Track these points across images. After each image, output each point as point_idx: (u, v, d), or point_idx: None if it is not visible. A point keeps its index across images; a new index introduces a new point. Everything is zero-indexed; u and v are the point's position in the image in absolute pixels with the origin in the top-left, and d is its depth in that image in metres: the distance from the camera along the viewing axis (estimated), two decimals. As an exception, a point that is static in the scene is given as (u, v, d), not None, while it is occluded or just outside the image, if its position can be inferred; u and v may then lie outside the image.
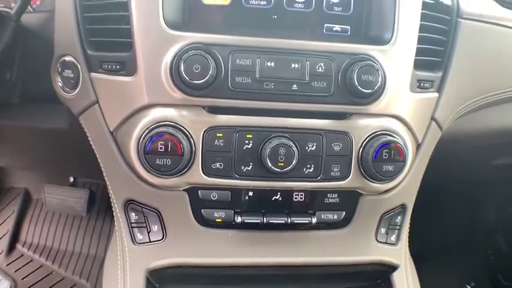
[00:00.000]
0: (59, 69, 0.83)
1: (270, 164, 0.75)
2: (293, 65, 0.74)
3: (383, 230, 0.92)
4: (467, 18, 0.92)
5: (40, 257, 1.68)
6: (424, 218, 1.59)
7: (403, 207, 0.93)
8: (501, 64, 1.00)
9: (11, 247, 1.72)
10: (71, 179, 1.73)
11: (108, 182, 0.86)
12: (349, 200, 0.85)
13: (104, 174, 0.85)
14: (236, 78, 0.73)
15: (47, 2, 0.90)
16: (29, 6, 0.88)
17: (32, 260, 1.68)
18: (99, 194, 1.66)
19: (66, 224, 1.72)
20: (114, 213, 0.88)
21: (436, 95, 0.89)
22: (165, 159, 0.73)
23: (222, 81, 0.73)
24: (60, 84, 0.84)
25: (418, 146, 0.89)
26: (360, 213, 0.87)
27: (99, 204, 1.65)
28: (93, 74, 0.80)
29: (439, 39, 0.88)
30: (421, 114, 0.87)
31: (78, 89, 0.82)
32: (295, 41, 0.75)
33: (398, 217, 0.93)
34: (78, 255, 1.67)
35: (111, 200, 0.88)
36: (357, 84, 0.74)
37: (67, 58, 0.82)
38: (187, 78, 0.71)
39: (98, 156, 0.85)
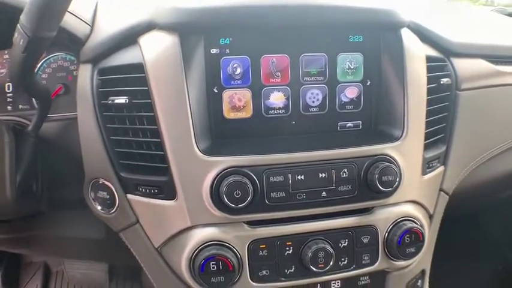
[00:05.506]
0: (92, 194, 0.85)
1: (311, 267, 0.81)
2: (320, 175, 0.80)
3: None
4: (465, 89, 0.98)
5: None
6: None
7: (422, 272, 1.00)
8: (498, 120, 1.06)
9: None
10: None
11: None
12: (378, 278, 0.92)
13: (155, 285, 0.89)
14: (271, 194, 0.78)
15: (59, 104, 0.90)
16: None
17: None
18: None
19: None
20: None
21: (442, 168, 0.96)
22: (218, 277, 0.77)
23: (259, 198, 0.77)
24: (98, 207, 0.86)
25: (431, 217, 0.96)
26: (389, 287, 0.93)
27: (118, 274, 1.68)
28: (129, 196, 0.82)
29: (441, 117, 0.94)
30: (431, 191, 0.94)
31: (115, 209, 0.84)
32: (319, 152, 0.81)
33: (419, 281, 1.00)
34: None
35: None
36: (378, 185, 0.80)
37: (100, 181, 0.84)
38: (229, 203, 0.75)
39: (145, 269, 0.88)
